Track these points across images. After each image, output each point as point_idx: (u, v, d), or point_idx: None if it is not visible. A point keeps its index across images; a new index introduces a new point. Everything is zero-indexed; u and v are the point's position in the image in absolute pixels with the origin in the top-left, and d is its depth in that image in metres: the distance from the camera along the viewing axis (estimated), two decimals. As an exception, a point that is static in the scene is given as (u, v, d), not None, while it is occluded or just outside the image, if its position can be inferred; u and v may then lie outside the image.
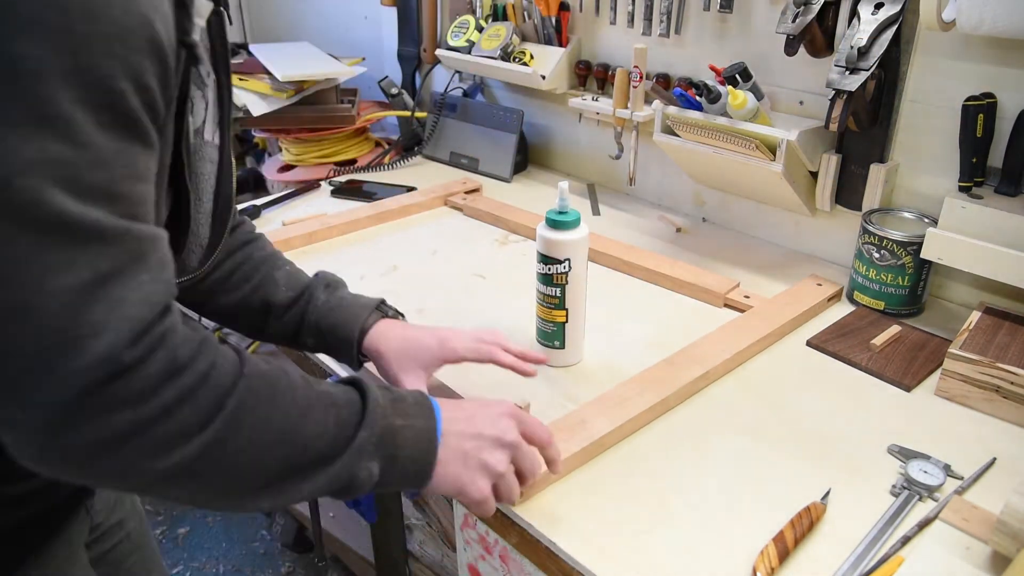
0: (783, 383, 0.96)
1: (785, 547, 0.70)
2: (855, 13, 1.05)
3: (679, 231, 1.40)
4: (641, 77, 1.30)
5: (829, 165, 1.18)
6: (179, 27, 0.53)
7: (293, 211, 1.49)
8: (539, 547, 0.74)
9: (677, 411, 0.90)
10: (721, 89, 1.17)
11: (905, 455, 0.82)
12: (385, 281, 1.22)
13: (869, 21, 1.03)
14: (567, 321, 0.95)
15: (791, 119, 1.21)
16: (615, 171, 1.57)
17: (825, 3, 1.07)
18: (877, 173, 1.14)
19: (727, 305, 1.13)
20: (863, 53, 1.02)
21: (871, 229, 1.08)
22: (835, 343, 1.02)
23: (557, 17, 1.52)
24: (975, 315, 0.99)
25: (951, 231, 1.00)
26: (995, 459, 0.82)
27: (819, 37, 1.10)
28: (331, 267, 1.25)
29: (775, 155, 1.15)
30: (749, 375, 0.98)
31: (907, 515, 0.75)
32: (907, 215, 1.13)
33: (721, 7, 1.25)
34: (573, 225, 0.91)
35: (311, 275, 0.91)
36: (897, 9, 1.02)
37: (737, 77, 1.16)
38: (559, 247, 0.91)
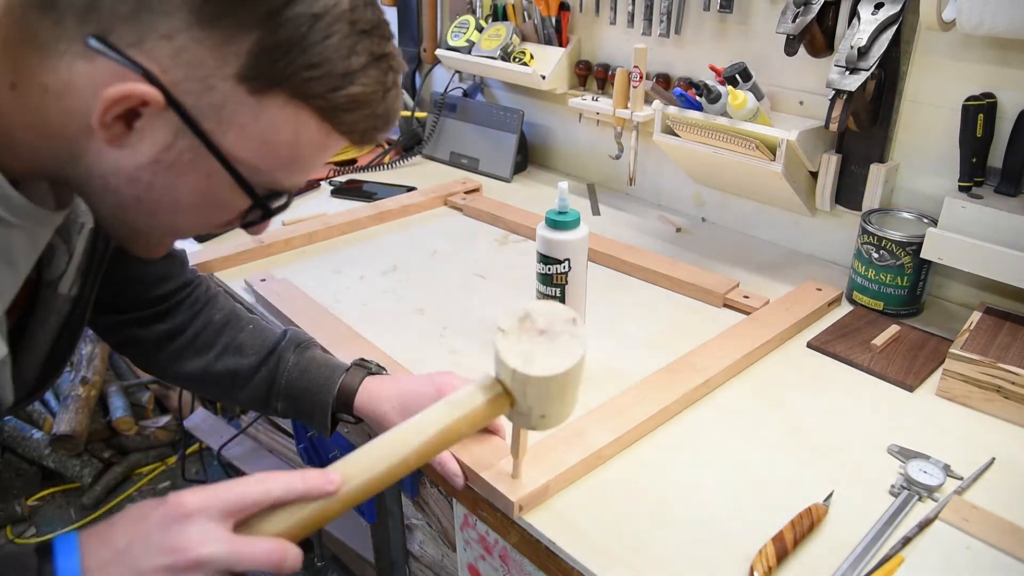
0: (784, 385, 0.96)
1: (784, 547, 0.70)
2: (855, 13, 1.05)
3: (679, 231, 1.40)
4: (641, 77, 1.30)
5: (829, 165, 1.18)
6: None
7: (293, 211, 1.49)
8: (539, 547, 0.74)
9: (677, 414, 0.90)
10: (721, 89, 1.17)
11: (905, 455, 0.82)
12: (385, 281, 1.22)
13: (869, 21, 1.03)
14: (567, 321, 0.95)
15: (791, 119, 1.21)
16: (615, 171, 1.57)
17: (825, 3, 1.07)
18: (877, 173, 1.14)
19: (726, 305, 1.13)
20: (863, 53, 1.02)
21: (870, 229, 1.08)
22: (836, 344, 1.02)
23: (557, 17, 1.52)
24: (976, 315, 0.99)
25: (951, 231, 1.00)
26: (994, 459, 0.82)
27: (819, 37, 1.10)
28: (331, 267, 1.26)
29: (775, 155, 1.15)
30: (750, 377, 0.98)
31: (907, 515, 0.75)
32: (906, 215, 1.13)
33: (721, 7, 1.25)
34: (573, 225, 0.91)
35: (278, 332, 0.86)
36: (897, 9, 1.02)
37: (737, 77, 1.16)
38: (559, 247, 0.91)
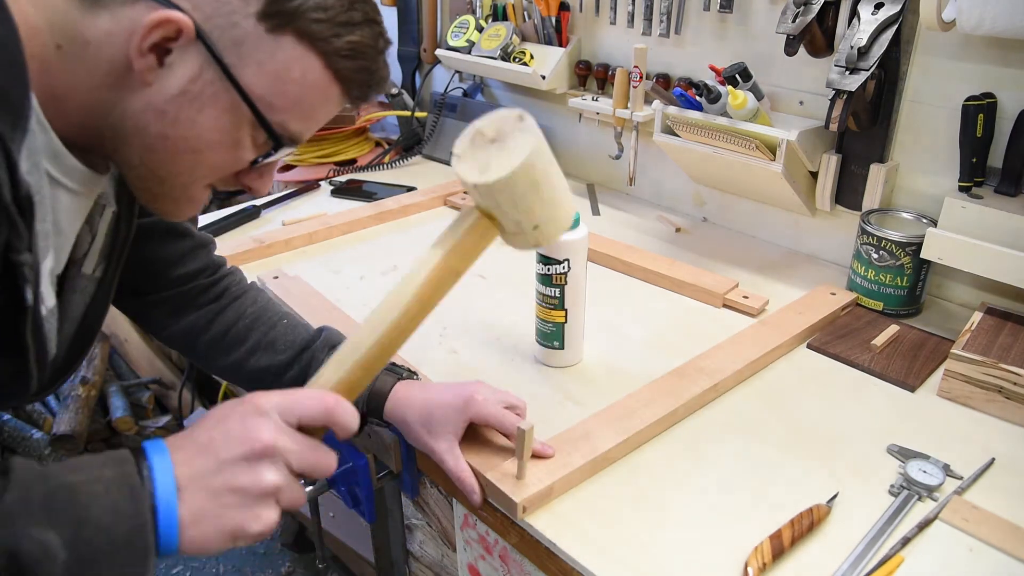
0: (784, 385, 0.96)
1: (781, 545, 0.70)
2: (855, 13, 1.05)
3: (678, 231, 1.40)
4: (641, 77, 1.30)
5: (829, 165, 1.18)
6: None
7: (293, 211, 1.49)
8: (539, 547, 0.74)
9: (680, 416, 0.90)
10: (721, 89, 1.17)
11: (904, 455, 0.82)
12: (385, 281, 1.22)
13: (869, 21, 1.03)
14: (566, 321, 0.95)
15: (791, 119, 1.21)
16: (615, 171, 1.57)
17: (825, 3, 1.07)
18: (877, 173, 1.14)
19: (726, 305, 1.13)
20: (863, 53, 1.02)
21: (869, 230, 1.08)
22: (836, 345, 1.02)
23: (557, 17, 1.52)
24: (977, 315, 0.99)
25: (951, 231, 1.00)
26: (993, 459, 0.82)
27: (819, 37, 1.10)
28: (331, 267, 1.26)
29: (775, 155, 1.15)
30: (751, 379, 0.98)
31: (907, 515, 0.75)
32: (905, 215, 1.13)
33: (721, 7, 1.25)
34: (572, 226, 0.91)
35: (312, 331, 0.87)
36: (897, 9, 1.02)
37: (737, 77, 1.16)
38: (558, 247, 0.91)
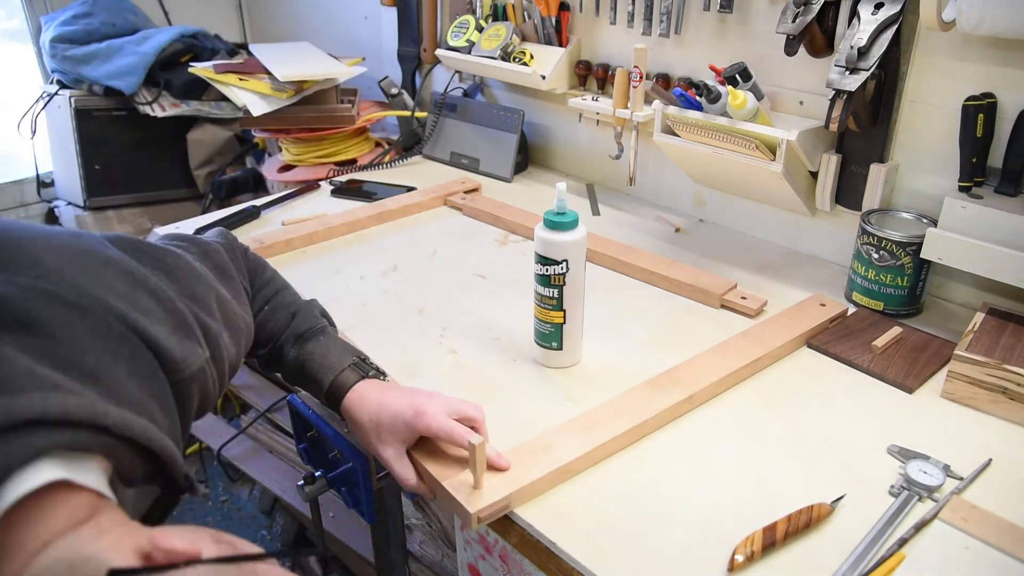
0: (785, 385, 0.96)
1: (773, 537, 0.70)
2: (855, 13, 1.05)
3: (677, 231, 1.40)
4: (641, 77, 1.30)
5: (829, 165, 1.18)
6: None
7: (293, 211, 1.49)
8: (539, 547, 0.74)
9: (669, 419, 0.90)
10: (721, 89, 1.17)
11: (904, 455, 0.82)
12: (385, 281, 1.22)
13: (869, 21, 1.03)
14: (565, 322, 0.95)
15: (791, 119, 1.21)
16: (615, 171, 1.57)
17: (825, 3, 1.07)
18: (877, 173, 1.14)
19: (724, 306, 1.13)
20: (863, 53, 1.02)
21: (870, 230, 1.08)
22: (836, 345, 1.02)
23: (557, 17, 1.52)
24: (979, 316, 0.99)
25: (951, 231, 1.00)
26: (991, 460, 0.82)
27: (819, 37, 1.10)
28: (331, 267, 1.26)
29: (775, 155, 1.15)
30: (751, 378, 0.97)
31: (907, 515, 0.75)
32: (905, 215, 1.13)
33: (721, 7, 1.25)
34: (571, 226, 0.91)
35: (283, 320, 0.85)
36: (897, 9, 1.02)
37: (737, 77, 1.16)
38: (557, 248, 0.91)
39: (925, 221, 1.10)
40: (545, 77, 1.51)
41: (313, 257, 1.30)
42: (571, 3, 1.51)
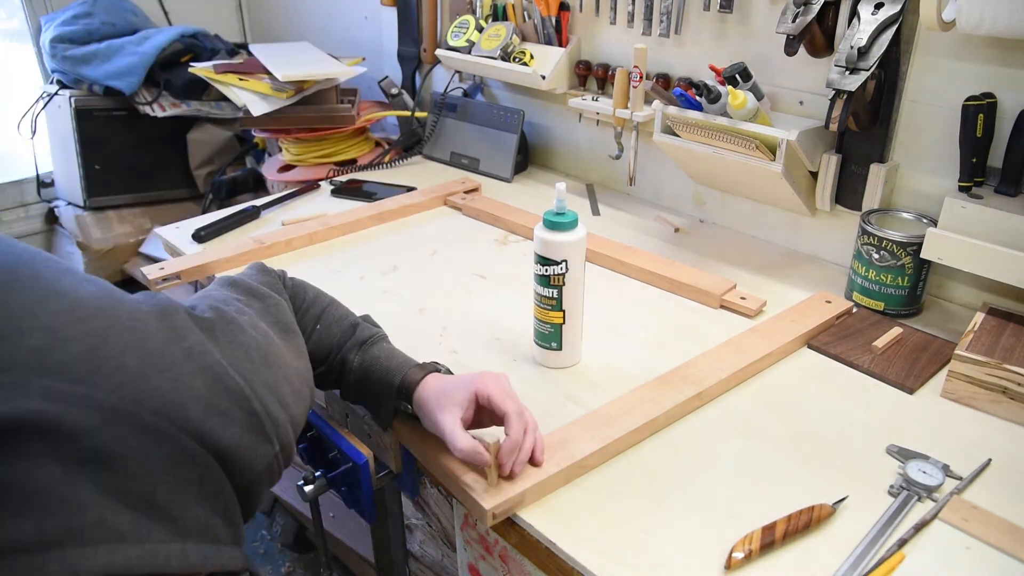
0: (785, 386, 0.96)
1: (772, 536, 0.70)
2: (855, 13, 1.05)
3: (677, 231, 1.40)
4: (641, 77, 1.30)
5: (829, 165, 1.18)
6: None
7: (293, 211, 1.49)
8: (539, 547, 0.74)
9: (679, 416, 0.90)
10: (721, 89, 1.17)
11: (904, 455, 0.82)
12: (385, 281, 1.22)
13: (869, 21, 1.03)
14: (564, 323, 0.95)
15: (791, 119, 1.21)
16: (615, 171, 1.57)
17: (825, 3, 1.07)
18: (877, 173, 1.14)
19: (723, 306, 1.13)
20: (863, 53, 1.02)
21: (870, 230, 1.08)
22: (836, 345, 1.02)
23: (557, 17, 1.52)
24: (979, 316, 0.99)
25: (951, 231, 1.00)
26: (990, 460, 0.82)
27: (819, 37, 1.10)
28: (331, 267, 1.26)
29: (775, 155, 1.15)
30: (751, 378, 0.97)
31: (906, 515, 0.75)
32: (905, 215, 1.13)
33: (721, 7, 1.25)
34: (570, 226, 0.91)
35: (345, 328, 0.87)
36: (897, 9, 1.02)
37: (737, 77, 1.16)
38: (556, 248, 0.91)
39: (925, 221, 1.10)
40: (545, 77, 1.51)
41: (313, 257, 1.30)
42: (571, 3, 1.51)
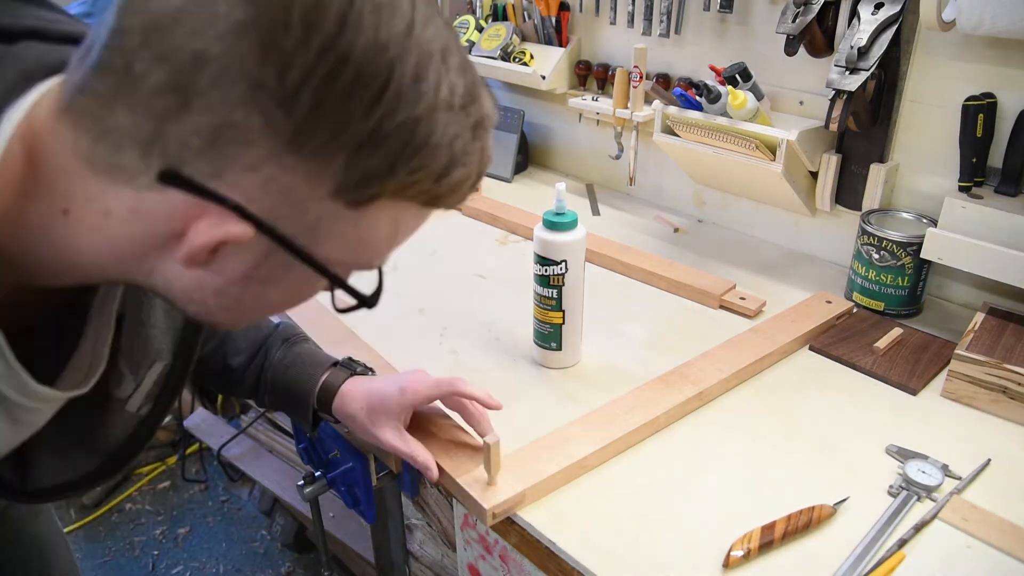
0: (786, 387, 0.96)
1: (772, 535, 0.70)
2: (855, 13, 1.05)
3: (676, 231, 1.40)
4: (641, 77, 1.30)
5: (829, 165, 1.18)
6: None
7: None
8: (539, 547, 0.74)
9: (679, 416, 0.90)
10: (721, 89, 1.17)
11: (903, 455, 0.82)
12: (385, 281, 1.21)
13: (869, 21, 1.03)
14: (564, 323, 0.95)
15: (791, 119, 1.21)
16: (615, 171, 1.57)
17: (825, 3, 1.07)
18: (877, 173, 1.14)
19: (723, 307, 1.13)
20: (863, 53, 1.02)
21: (870, 230, 1.08)
22: (838, 347, 1.02)
23: (557, 17, 1.52)
24: (979, 316, 0.99)
25: (951, 231, 1.00)
26: (990, 460, 0.82)
27: (819, 37, 1.10)
28: (331, 267, 1.26)
29: (775, 155, 1.15)
30: (751, 378, 0.97)
31: (906, 515, 0.75)
32: (905, 215, 1.13)
33: (721, 7, 1.25)
34: (570, 227, 0.91)
35: (271, 325, 0.88)
36: (897, 9, 1.02)
37: (737, 77, 1.16)
38: (556, 248, 0.91)
39: (925, 221, 1.10)
40: (545, 77, 1.51)
41: (313, 257, 1.30)
42: (571, 3, 1.51)
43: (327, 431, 0.95)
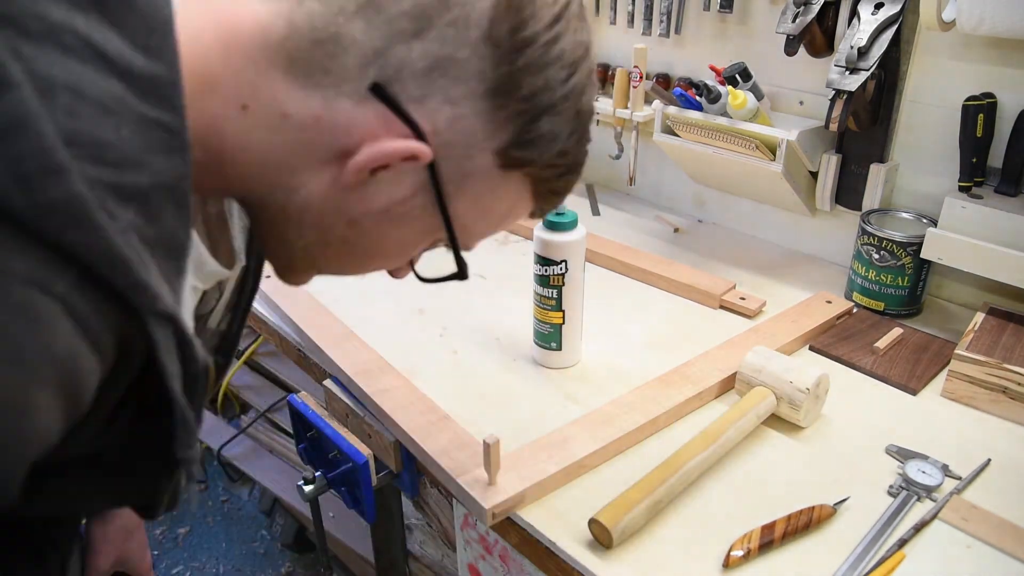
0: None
1: (772, 536, 0.70)
2: (855, 13, 1.05)
3: (676, 231, 1.40)
4: (641, 77, 1.30)
5: (829, 165, 1.18)
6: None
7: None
8: (539, 547, 0.74)
9: (679, 416, 0.90)
10: (721, 89, 1.17)
11: (903, 455, 0.82)
12: (385, 281, 1.21)
13: (869, 21, 1.03)
14: (564, 323, 0.95)
15: (791, 119, 1.21)
16: (615, 171, 1.57)
17: (825, 3, 1.07)
18: (877, 173, 1.14)
19: (723, 307, 1.13)
20: (863, 53, 1.02)
21: (870, 230, 1.08)
22: (838, 347, 1.02)
23: (557, 17, 1.52)
24: (979, 316, 0.99)
25: (951, 231, 1.00)
26: (990, 460, 0.82)
27: (819, 37, 1.10)
28: (331, 267, 1.26)
29: (775, 155, 1.15)
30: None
31: (906, 515, 0.75)
32: (905, 215, 1.13)
33: (721, 7, 1.25)
34: (570, 227, 0.91)
35: None
36: (897, 9, 1.02)
37: (737, 77, 1.16)
38: (556, 248, 0.91)
39: (925, 221, 1.10)
40: (545, 77, 1.51)
41: (313, 257, 1.30)
42: (571, 3, 1.51)
43: (328, 432, 0.95)
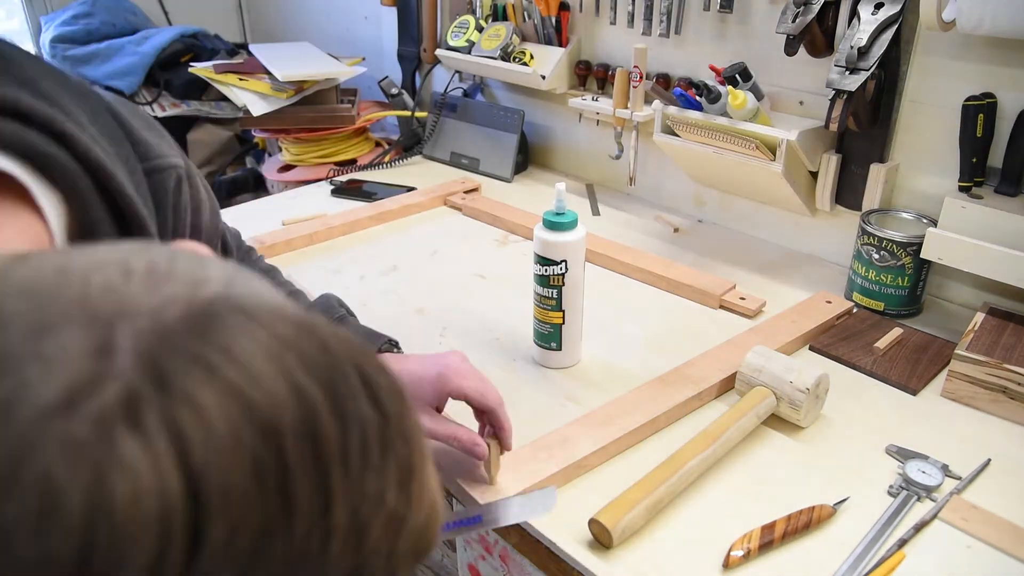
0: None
1: (772, 535, 0.70)
2: (855, 13, 1.05)
3: (677, 231, 1.40)
4: (641, 77, 1.30)
5: (829, 165, 1.18)
6: None
7: (293, 211, 1.49)
8: (539, 547, 0.74)
9: (679, 416, 0.90)
10: (721, 89, 1.17)
11: (903, 455, 0.82)
12: (385, 281, 1.22)
13: (869, 21, 1.03)
14: (564, 323, 0.95)
15: (791, 119, 1.20)
16: (615, 171, 1.57)
17: (825, 3, 1.07)
18: (877, 173, 1.14)
19: (723, 307, 1.13)
20: (863, 53, 1.02)
21: (870, 230, 1.08)
22: (838, 347, 1.02)
23: (557, 17, 1.52)
24: (979, 316, 0.99)
25: (951, 231, 1.00)
26: (990, 460, 0.82)
27: (819, 37, 1.10)
28: (331, 267, 1.26)
29: (775, 155, 1.15)
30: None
31: (906, 515, 0.75)
32: (905, 215, 1.13)
33: (721, 7, 1.25)
34: (570, 227, 0.91)
35: (313, 300, 0.86)
36: (897, 9, 1.02)
37: (737, 77, 1.16)
38: (556, 248, 0.91)
39: (925, 221, 1.10)
40: (545, 77, 1.51)
41: (313, 257, 1.30)
42: (571, 3, 1.51)
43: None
